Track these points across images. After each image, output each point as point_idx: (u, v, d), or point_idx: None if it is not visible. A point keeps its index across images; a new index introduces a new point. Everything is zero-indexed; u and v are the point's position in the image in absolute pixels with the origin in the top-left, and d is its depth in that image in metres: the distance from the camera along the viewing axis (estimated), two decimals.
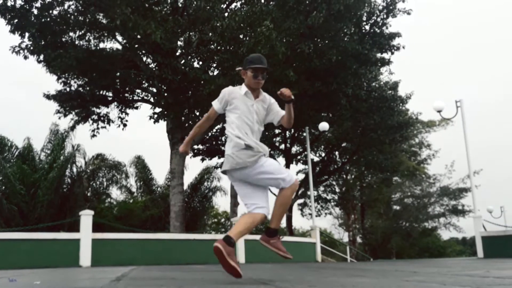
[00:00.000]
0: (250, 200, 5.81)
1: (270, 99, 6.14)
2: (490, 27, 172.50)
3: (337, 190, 49.46)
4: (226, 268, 5.28)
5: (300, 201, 44.17)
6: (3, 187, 24.99)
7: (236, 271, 5.26)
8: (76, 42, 23.23)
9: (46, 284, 5.54)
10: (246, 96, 5.86)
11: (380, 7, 25.50)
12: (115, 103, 26.77)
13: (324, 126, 24.23)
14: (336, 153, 40.15)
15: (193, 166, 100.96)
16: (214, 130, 31.13)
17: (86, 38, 23.52)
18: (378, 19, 25.80)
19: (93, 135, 26.36)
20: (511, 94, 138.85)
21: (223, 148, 32.16)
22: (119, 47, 24.96)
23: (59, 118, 25.92)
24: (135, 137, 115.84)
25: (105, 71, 23.47)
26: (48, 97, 25.77)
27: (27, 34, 21.49)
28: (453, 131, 53.99)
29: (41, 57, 22.55)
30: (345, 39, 24.22)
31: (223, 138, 32.43)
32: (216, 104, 5.97)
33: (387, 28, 26.01)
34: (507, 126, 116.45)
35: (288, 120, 6.05)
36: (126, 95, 26.82)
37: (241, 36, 21.36)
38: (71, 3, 21.58)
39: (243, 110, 5.79)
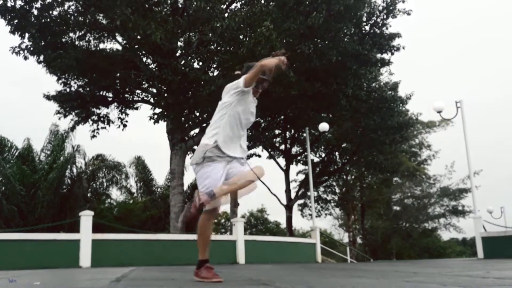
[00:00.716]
0: None
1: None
2: (490, 27, 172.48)
3: (337, 190, 49.43)
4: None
5: (300, 201, 44.11)
6: (3, 188, 25.03)
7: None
8: (76, 43, 23.21)
9: (46, 285, 5.54)
10: (252, 100, 5.89)
11: (380, 8, 25.47)
12: (115, 103, 26.72)
13: (324, 126, 24.26)
14: (336, 153, 40.06)
15: None
16: None
17: (86, 38, 23.51)
18: (378, 20, 25.77)
19: (93, 136, 26.32)
20: None
21: None
22: (119, 47, 24.94)
23: (59, 118, 25.89)
24: (135, 138, 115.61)
25: (105, 72, 23.45)
26: (48, 97, 25.73)
27: (27, 35, 21.48)
28: (453, 131, 53.82)
29: (41, 57, 22.55)
30: (345, 39, 24.18)
31: None
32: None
33: (387, 28, 25.99)
34: (507, 126, 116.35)
35: None
36: (126, 95, 26.78)
37: (241, 37, 21.33)
38: (71, 3, 21.56)
39: (244, 108, 5.82)
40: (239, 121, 5.80)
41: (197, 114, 24.87)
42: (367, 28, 25.96)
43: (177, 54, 23.82)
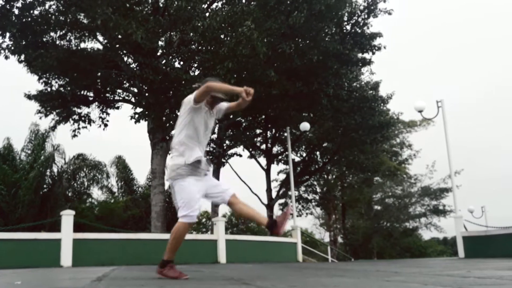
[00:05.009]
0: None
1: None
2: (471, 28, 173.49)
3: (318, 190, 49.54)
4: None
5: (281, 201, 44.12)
6: None
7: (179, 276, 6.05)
8: (57, 42, 23.12)
9: (27, 284, 5.52)
10: (206, 115, 6.34)
11: (361, 7, 25.59)
12: (96, 103, 26.63)
13: (305, 126, 24.32)
14: (317, 153, 40.10)
15: None
16: None
17: (67, 38, 23.42)
18: (359, 19, 25.88)
19: (74, 135, 26.23)
20: (492, 94, 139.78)
21: None
22: (100, 47, 24.88)
23: (40, 118, 25.79)
24: (116, 137, 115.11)
25: (86, 71, 23.37)
26: (29, 97, 25.61)
27: (8, 34, 21.37)
28: (434, 131, 54.19)
29: (22, 57, 22.47)
30: (326, 39, 24.25)
31: None
32: None
33: (368, 28, 26.11)
34: (488, 127, 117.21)
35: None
36: (107, 95, 26.69)
37: (222, 36, 21.33)
38: (52, 3, 21.50)
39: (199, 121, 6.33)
40: (198, 135, 6.25)
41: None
42: (348, 27, 26.07)
43: (158, 54, 23.78)
